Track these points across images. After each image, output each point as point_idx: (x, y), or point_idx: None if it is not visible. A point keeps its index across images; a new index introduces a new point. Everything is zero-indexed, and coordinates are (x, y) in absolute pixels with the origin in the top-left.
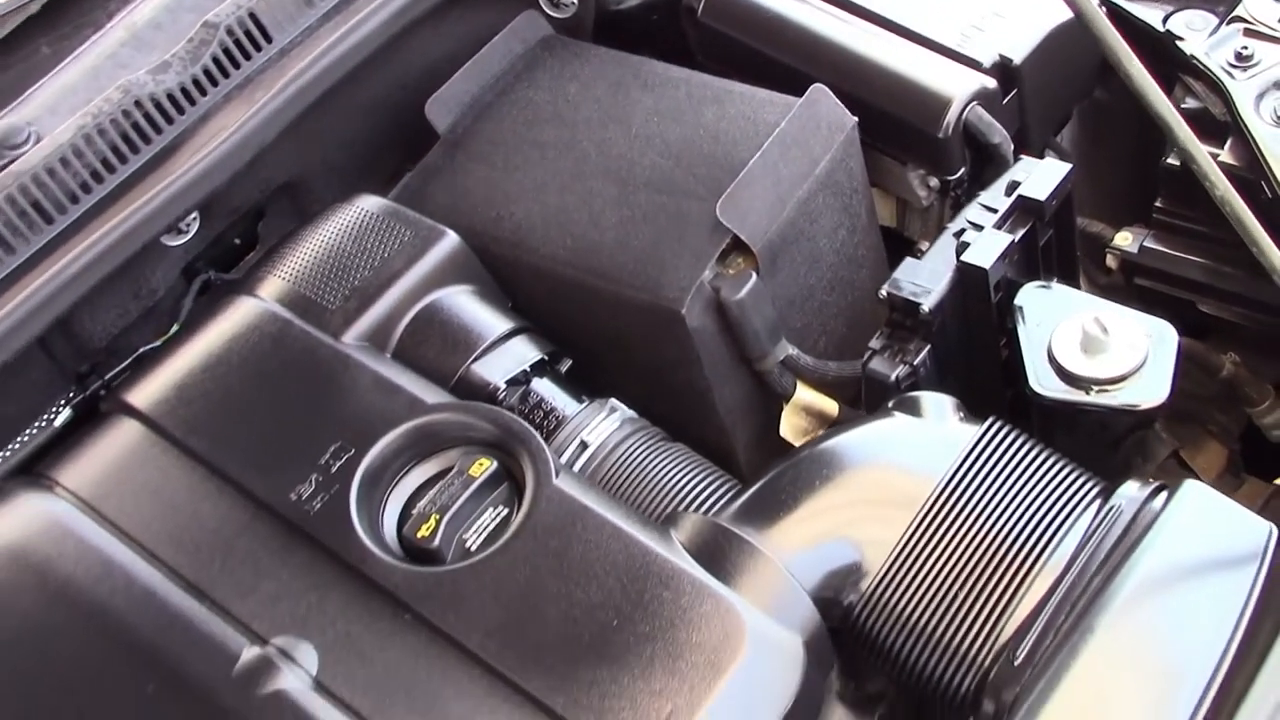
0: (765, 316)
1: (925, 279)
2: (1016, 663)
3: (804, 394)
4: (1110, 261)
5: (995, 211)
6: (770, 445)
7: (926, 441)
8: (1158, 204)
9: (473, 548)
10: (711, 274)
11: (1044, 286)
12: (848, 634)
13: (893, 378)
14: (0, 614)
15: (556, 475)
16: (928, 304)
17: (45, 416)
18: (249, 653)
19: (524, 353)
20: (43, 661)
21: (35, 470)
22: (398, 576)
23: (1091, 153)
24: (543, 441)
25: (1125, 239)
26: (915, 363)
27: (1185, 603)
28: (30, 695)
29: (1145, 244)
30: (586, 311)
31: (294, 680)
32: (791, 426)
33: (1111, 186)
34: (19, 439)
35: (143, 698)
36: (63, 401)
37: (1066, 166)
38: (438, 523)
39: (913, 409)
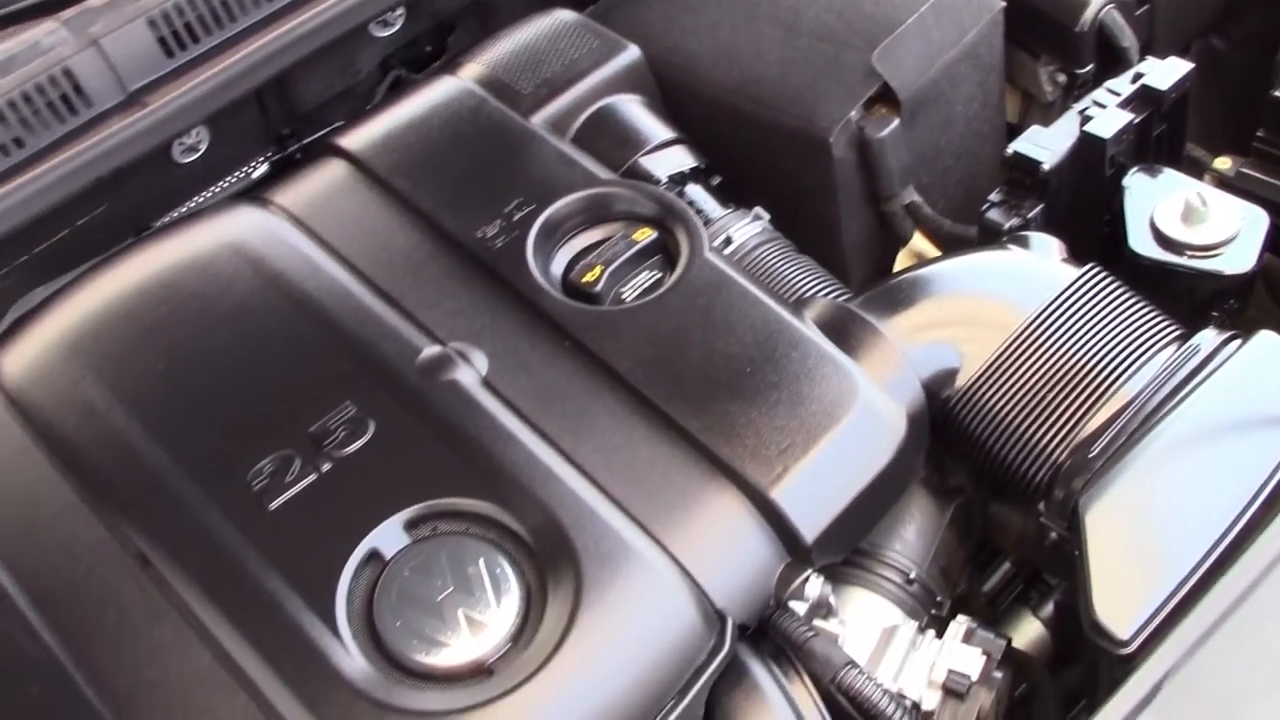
0: (899, 159)
1: (1048, 143)
2: (1089, 457)
3: (919, 241)
4: (1208, 181)
5: (1118, 95)
6: None
7: (1034, 272)
8: (1259, 134)
9: (628, 300)
10: (859, 114)
11: (1153, 169)
12: (942, 425)
13: (1006, 226)
14: (220, 292)
15: (708, 249)
16: (1048, 163)
17: (246, 169)
18: (430, 349)
19: (683, 159)
20: (254, 334)
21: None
22: (563, 309)
23: (1200, 90)
24: (698, 220)
25: (1224, 163)
26: (1028, 217)
27: (1241, 431)
28: (238, 363)
29: (1242, 169)
30: (742, 137)
31: (467, 375)
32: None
33: (1215, 121)
34: (221, 184)
35: (341, 373)
36: (263, 159)
37: (1188, 65)
38: (601, 273)
39: (1024, 245)
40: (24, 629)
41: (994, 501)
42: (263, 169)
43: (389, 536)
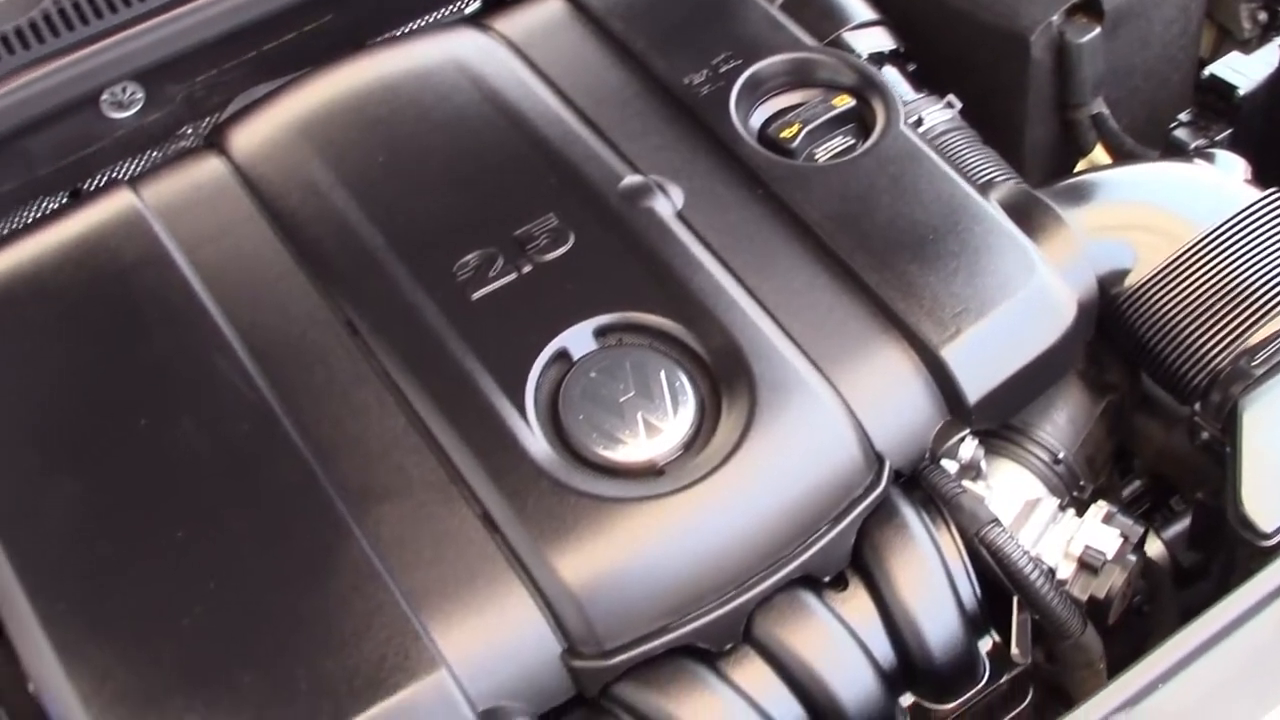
0: (1094, 69)
1: (1245, 69)
2: (1251, 365)
3: (1099, 154)
4: None
5: None
6: None
7: (1217, 187)
8: None
9: (821, 160)
10: (1061, 18)
11: None
12: (1107, 320)
13: (1192, 146)
14: (439, 101)
15: (903, 124)
16: (1243, 89)
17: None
18: (632, 177)
19: (883, 40)
20: (468, 142)
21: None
22: (759, 158)
23: None
24: (896, 95)
25: None
26: (1216, 139)
27: None
28: (451, 166)
29: None
30: (942, 27)
31: (664, 206)
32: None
33: None
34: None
35: (547, 187)
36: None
37: None
38: (798, 130)
39: (1210, 161)
40: (242, 376)
41: (1139, 413)
42: (474, 5)
43: (579, 339)
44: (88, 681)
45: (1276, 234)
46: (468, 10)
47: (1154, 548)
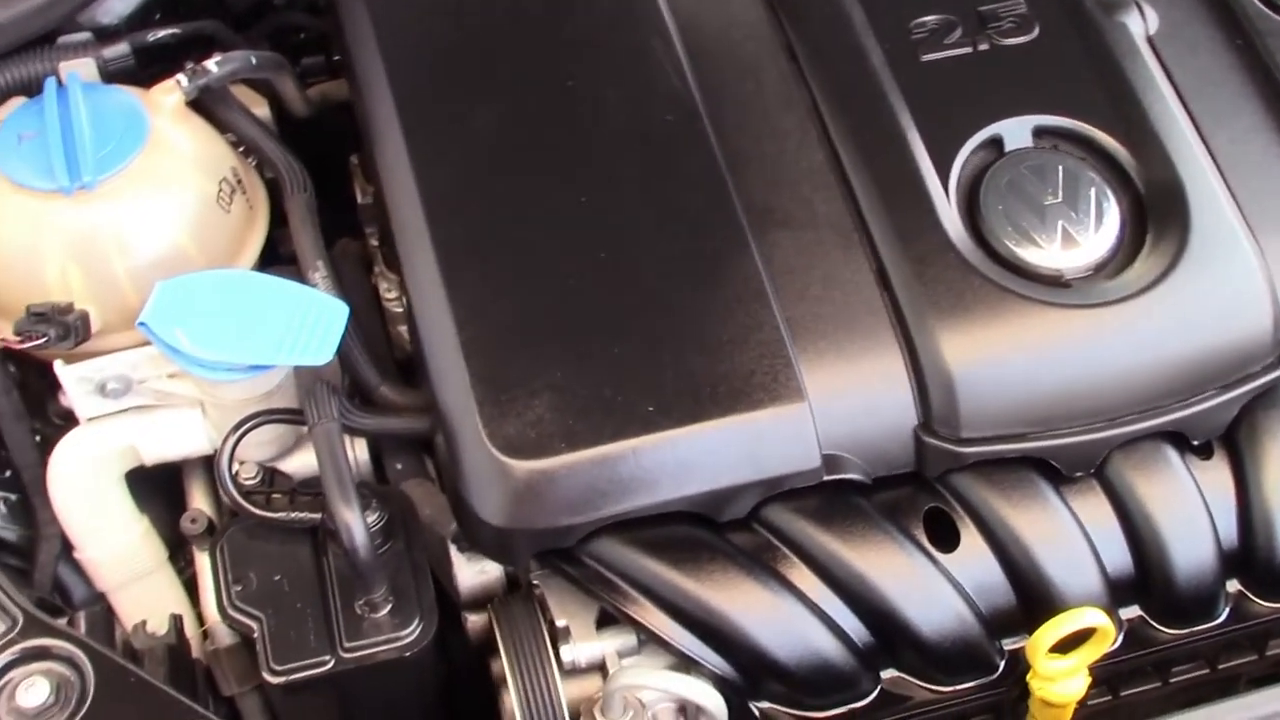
0: None
1: None
2: None
3: None
4: None
5: None
6: None
7: None
8: None
9: None
10: None
11: None
12: None
13: None
14: None
15: None
16: None
17: None
18: None
19: None
20: None
21: None
22: (1251, 7)
23: None
24: None
25: None
26: None
27: None
28: None
29: None
30: None
31: (1137, 25)
32: None
33: None
34: None
35: None
36: None
37: None
38: None
39: None
40: (674, 66)
41: None
42: None
43: (1016, 132)
44: (466, 309)
45: None
46: None
47: None
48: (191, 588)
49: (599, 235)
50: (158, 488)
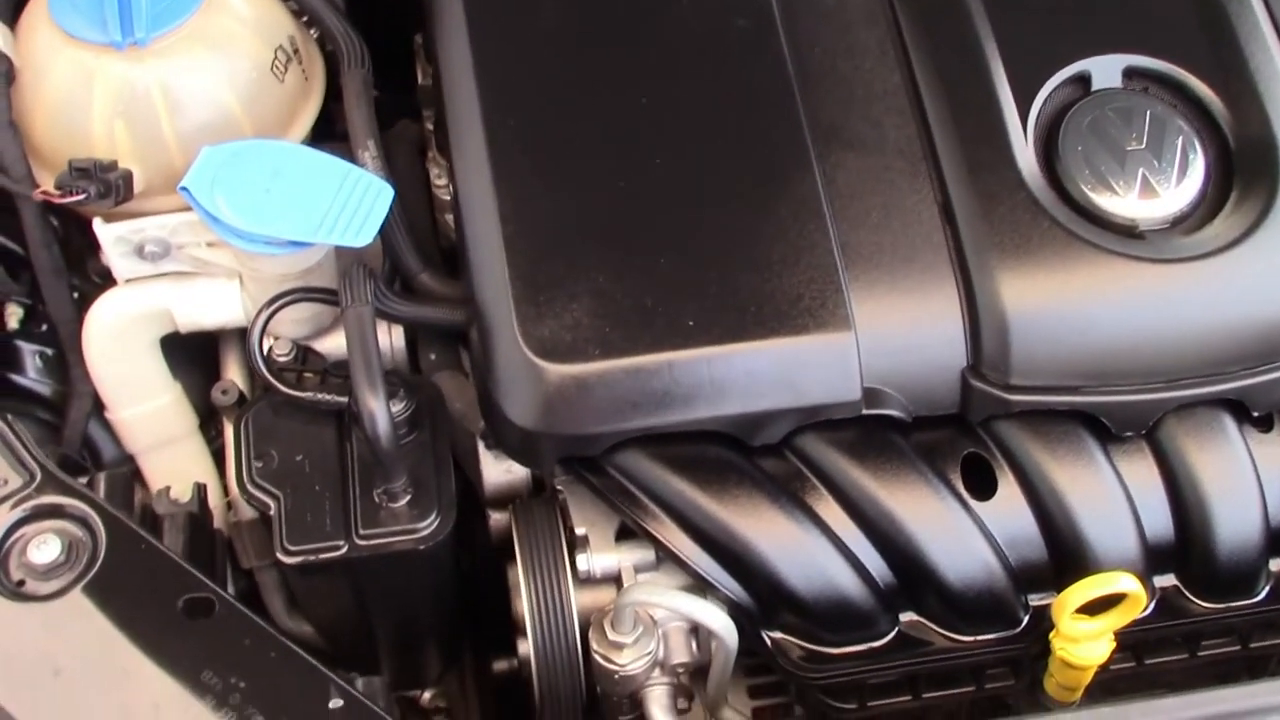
0: None
1: None
2: None
3: None
4: None
5: None
6: None
7: None
8: None
9: None
10: None
11: None
12: None
13: None
14: None
15: None
16: None
17: None
18: None
19: None
20: None
21: None
22: None
23: None
24: None
25: None
26: None
27: None
28: None
29: None
30: None
31: None
32: None
33: None
34: None
35: None
36: None
37: None
38: None
39: None
40: None
41: None
42: None
43: (1106, 70)
44: (512, 203)
45: None
46: None
47: None
48: (220, 458)
49: (657, 140)
50: (194, 357)
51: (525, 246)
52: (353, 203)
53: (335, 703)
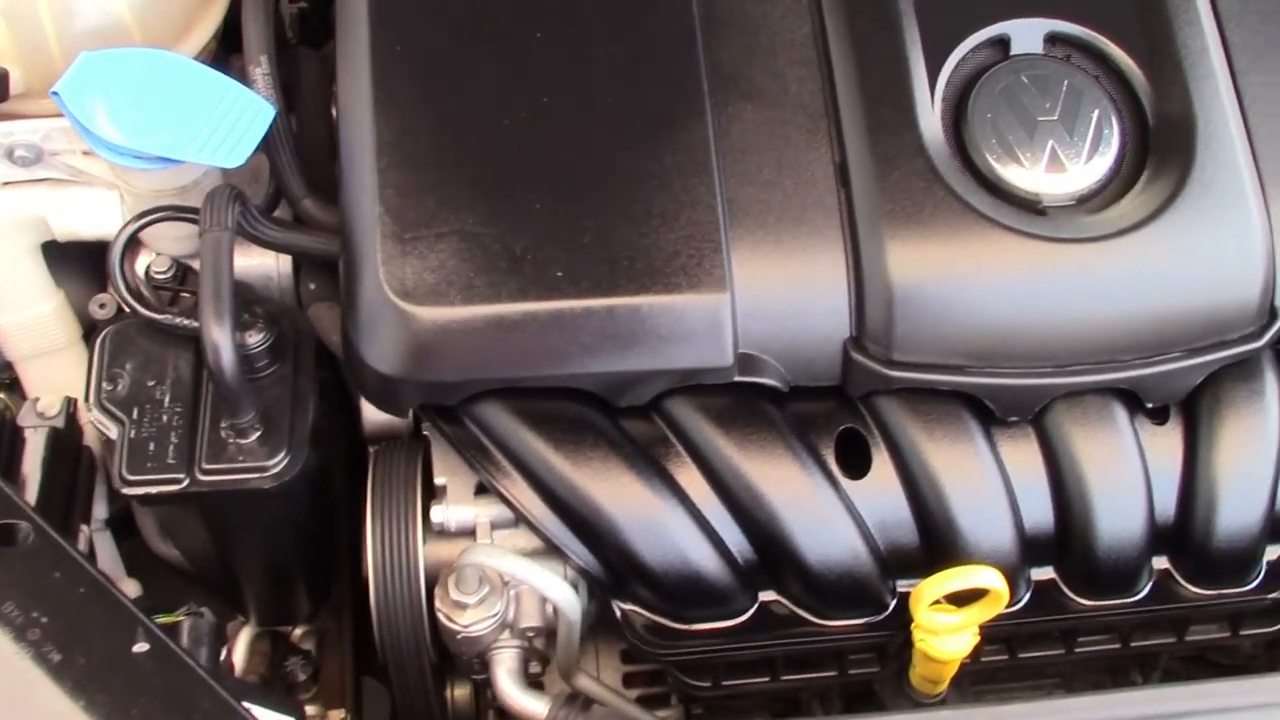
0: None
1: None
2: None
3: None
4: None
5: None
6: None
7: None
8: None
9: None
10: None
11: None
12: None
13: None
14: None
15: None
16: None
17: None
18: None
19: None
20: None
21: None
22: None
23: None
24: None
25: None
26: None
27: None
28: None
29: None
30: None
31: None
32: None
33: None
34: None
35: None
36: None
37: None
38: None
39: None
40: None
41: None
42: None
43: (1026, 35)
44: (390, 134)
45: None
46: None
47: None
48: None
49: (546, 78)
50: (84, 268)
51: (398, 180)
52: (231, 121)
53: (140, 646)
